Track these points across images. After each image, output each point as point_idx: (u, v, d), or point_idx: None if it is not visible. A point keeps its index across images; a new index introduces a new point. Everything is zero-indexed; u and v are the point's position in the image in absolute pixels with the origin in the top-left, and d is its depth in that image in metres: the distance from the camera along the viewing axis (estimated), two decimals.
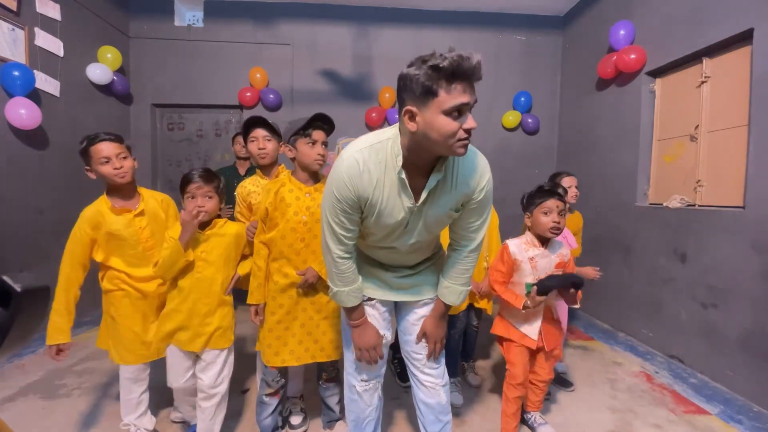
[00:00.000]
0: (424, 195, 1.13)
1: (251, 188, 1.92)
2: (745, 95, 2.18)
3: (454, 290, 1.32)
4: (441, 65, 0.93)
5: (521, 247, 1.71)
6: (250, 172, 2.96)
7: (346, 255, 1.24)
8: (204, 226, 1.57)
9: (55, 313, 1.53)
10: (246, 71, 3.85)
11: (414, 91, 0.97)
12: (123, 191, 1.62)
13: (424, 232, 1.23)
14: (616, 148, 3.22)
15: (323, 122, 1.57)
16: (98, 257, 1.61)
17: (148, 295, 1.64)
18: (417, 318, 1.40)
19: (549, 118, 4.16)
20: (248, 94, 3.81)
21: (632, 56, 2.88)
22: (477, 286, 2.05)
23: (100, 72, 3.31)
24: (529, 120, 4.07)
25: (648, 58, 2.86)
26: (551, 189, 1.68)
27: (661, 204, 2.74)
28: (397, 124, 1.11)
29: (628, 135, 3.08)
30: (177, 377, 1.60)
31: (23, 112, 2.58)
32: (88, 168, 1.56)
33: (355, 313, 1.32)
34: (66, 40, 3.04)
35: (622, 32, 2.99)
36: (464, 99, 0.96)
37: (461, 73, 0.94)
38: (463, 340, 2.28)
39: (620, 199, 3.12)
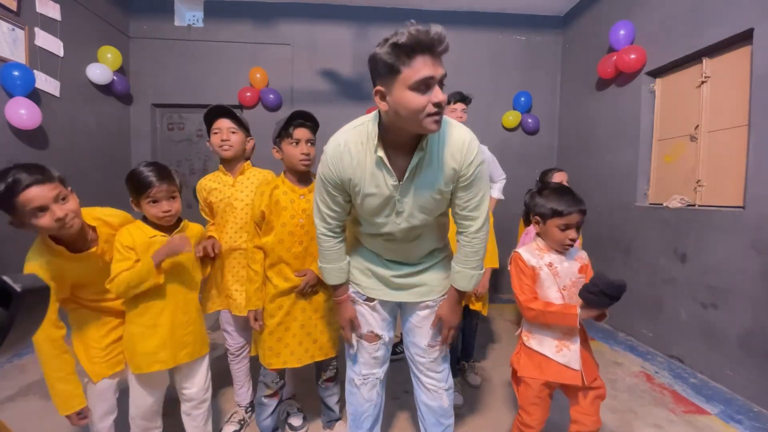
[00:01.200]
0: (407, 174, 1.13)
1: (212, 185, 1.76)
2: (745, 95, 2.18)
3: (464, 275, 1.28)
4: (399, 41, 0.93)
5: (534, 253, 1.38)
6: None
7: (330, 234, 1.30)
8: (172, 228, 1.44)
9: (57, 381, 1.26)
10: (246, 71, 3.86)
11: (380, 70, 0.99)
12: (72, 237, 1.27)
13: (417, 213, 1.20)
14: (616, 148, 3.22)
15: (305, 119, 1.52)
16: (62, 294, 1.31)
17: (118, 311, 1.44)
18: (419, 320, 1.39)
19: (549, 118, 4.16)
20: (248, 94, 3.82)
21: (632, 56, 2.88)
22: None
23: (100, 72, 3.31)
24: (529, 120, 4.07)
25: (648, 58, 2.86)
26: (575, 198, 1.34)
27: (661, 204, 2.74)
28: None
29: (628, 135, 3.08)
30: (149, 396, 1.44)
31: (23, 112, 2.57)
32: (13, 222, 1.16)
33: (338, 290, 1.39)
34: (66, 40, 3.04)
35: (622, 32, 2.99)
36: (427, 72, 0.95)
37: (421, 46, 0.94)
38: (463, 341, 2.28)
39: (620, 199, 3.12)
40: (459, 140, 1.13)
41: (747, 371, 2.06)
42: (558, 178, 2.47)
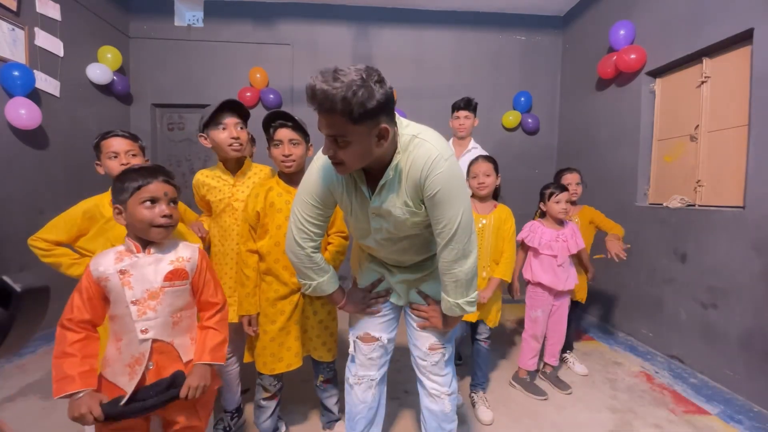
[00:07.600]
0: (376, 191, 1.12)
1: (211, 183, 1.69)
2: (745, 95, 2.18)
3: (445, 301, 1.25)
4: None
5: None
6: None
7: (317, 249, 1.27)
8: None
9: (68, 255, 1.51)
10: (246, 71, 3.86)
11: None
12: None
13: (392, 229, 1.19)
14: (616, 148, 3.22)
15: (287, 120, 1.49)
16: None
17: None
18: (420, 323, 1.39)
19: (549, 118, 4.16)
20: (248, 94, 3.81)
21: (632, 56, 2.88)
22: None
23: (100, 72, 3.31)
24: (529, 120, 4.07)
25: (648, 58, 2.86)
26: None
27: (661, 204, 2.74)
28: None
29: (628, 135, 3.08)
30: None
31: (23, 112, 2.57)
32: (97, 162, 1.56)
33: (336, 296, 1.36)
34: (66, 40, 3.04)
35: (622, 32, 2.99)
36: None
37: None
38: (472, 359, 2.10)
39: (620, 199, 3.12)
40: (425, 156, 1.07)
41: (747, 371, 2.06)
42: (569, 179, 2.46)
